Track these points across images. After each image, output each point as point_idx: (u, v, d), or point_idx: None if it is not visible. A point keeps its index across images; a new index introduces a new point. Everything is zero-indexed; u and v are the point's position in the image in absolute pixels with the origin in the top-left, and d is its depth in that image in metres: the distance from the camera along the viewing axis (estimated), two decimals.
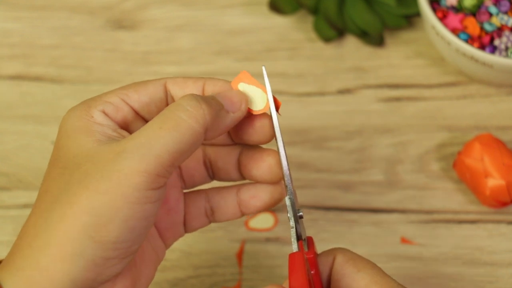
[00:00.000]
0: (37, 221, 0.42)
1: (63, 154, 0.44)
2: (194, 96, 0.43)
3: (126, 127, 0.46)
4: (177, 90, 0.47)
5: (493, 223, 0.61)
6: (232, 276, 0.59)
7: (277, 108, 0.47)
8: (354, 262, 0.46)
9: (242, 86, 0.47)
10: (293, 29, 0.71)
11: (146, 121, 0.47)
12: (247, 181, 0.50)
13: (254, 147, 0.49)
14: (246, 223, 0.61)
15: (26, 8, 0.74)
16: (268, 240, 0.61)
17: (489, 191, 0.59)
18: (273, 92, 0.46)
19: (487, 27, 0.63)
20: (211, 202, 0.50)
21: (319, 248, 0.60)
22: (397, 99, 0.67)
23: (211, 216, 0.50)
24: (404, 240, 0.60)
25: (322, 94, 0.68)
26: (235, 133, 0.48)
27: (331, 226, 0.61)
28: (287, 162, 0.46)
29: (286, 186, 0.47)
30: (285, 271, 0.59)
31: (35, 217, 0.43)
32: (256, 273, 0.59)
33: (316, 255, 0.47)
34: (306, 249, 0.47)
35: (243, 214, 0.50)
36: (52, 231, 0.41)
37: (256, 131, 0.47)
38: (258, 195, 0.49)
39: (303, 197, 0.62)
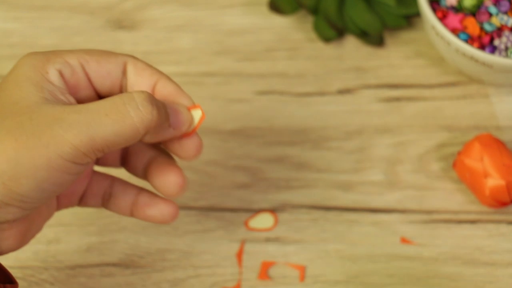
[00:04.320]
0: None
1: (3, 96, 0.45)
2: (150, 98, 0.45)
3: (75, 92, 0.47)
4: (132, 74, 0.48)
5: (493, 223, 0.61)
6: (232, 276, 0.59)
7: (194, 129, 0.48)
8: None
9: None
10: (293, 29, 0.71)
11: (96, 91, 0.48)
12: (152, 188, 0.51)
13: (169, 159, 0.50)
14: (246, 223, 0.61)
15: (26, 8, 0.74)
16: (268, 240, 0.61)
17: (489, 191, 0.59)
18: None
19: (487, 27, 0.63)
20: (113, 189, 0.51)
21: (319, 248, 0.60)
22: (397, 99, 0.67)
23: (106, 201, 0.52)
24: (404, 240, 0.60)
25: (322, 94, 0.68)
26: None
27: (331, 226, 0.61)
28: None
29: None
30: (286, 270, 0.59)
31: None
32: (256, 273, 0.59)
33: None
34: None
35: (131, 215, 0.51)
36: None
37: (182, 147, 0.49)
38: (151, 207, 0.51)
39: (303, 197, 0.62)
